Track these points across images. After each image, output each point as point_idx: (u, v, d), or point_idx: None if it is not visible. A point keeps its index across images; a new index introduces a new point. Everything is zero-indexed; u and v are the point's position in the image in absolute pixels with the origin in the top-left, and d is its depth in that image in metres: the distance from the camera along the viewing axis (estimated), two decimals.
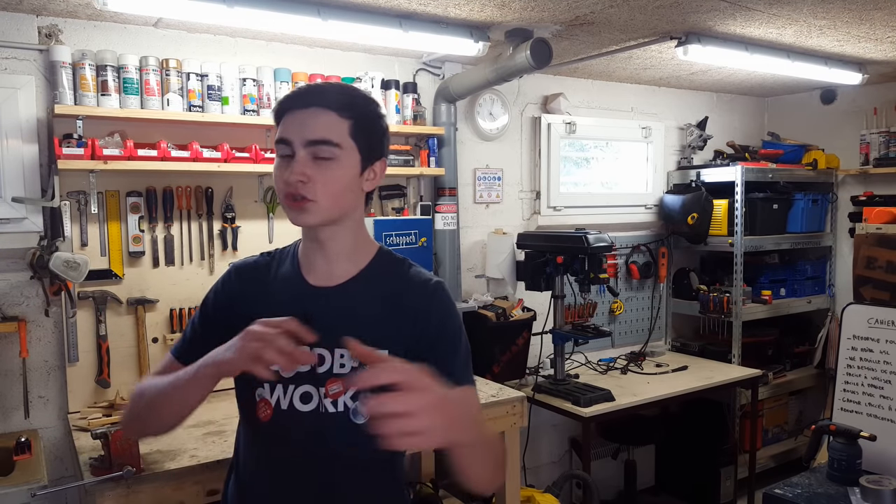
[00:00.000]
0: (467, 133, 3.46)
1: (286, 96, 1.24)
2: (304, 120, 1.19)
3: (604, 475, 3.79)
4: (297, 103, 1.20)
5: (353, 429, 1.21)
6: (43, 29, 2.44)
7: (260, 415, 1.23)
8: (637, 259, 4.10)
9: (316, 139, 1.17)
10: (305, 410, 1.22)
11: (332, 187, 1.19)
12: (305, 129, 1.18)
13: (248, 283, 1.32)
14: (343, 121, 1.19)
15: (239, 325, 1.19)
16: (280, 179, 1.20)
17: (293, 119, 1.20)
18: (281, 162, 1.21)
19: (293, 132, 1.19)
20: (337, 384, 1.22)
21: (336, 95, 1.21)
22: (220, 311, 1.32)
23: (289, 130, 1.19)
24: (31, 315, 2.47)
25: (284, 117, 1.21)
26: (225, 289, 1.34)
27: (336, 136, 1.18)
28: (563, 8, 2.52)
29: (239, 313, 1.24)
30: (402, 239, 2.92)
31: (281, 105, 1.23)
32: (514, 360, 3.33)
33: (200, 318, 1.34)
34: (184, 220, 2.73)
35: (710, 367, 3.75)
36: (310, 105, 1.19)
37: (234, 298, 1.31)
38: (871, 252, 2.71)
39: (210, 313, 1.33)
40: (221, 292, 1.34)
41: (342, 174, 1.20)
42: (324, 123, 1.18)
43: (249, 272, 1.34)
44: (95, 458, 1.97)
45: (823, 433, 2.46)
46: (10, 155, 2.40)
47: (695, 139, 4.20)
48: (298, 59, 2.91)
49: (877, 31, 2.92)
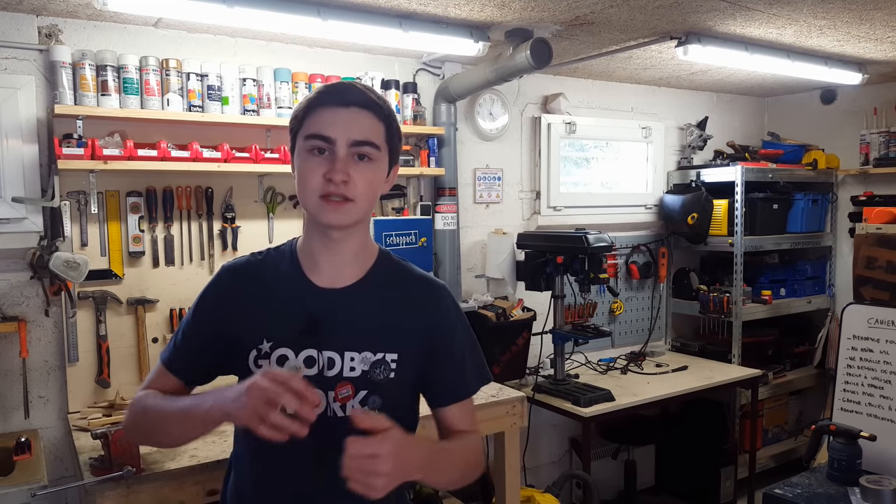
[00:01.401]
0: (467, 133, 3.46)
1: (322, 91, 1.20)
2: (348, 118, 1.17)
3: (604, 475, 3.79)
4: (335, 100, 1.18)
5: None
6: (43, 29, 2.44)
7: None
8: (637, 259, 4.10)
9: (361, 140, 1.17)
10: None
11: (369, 189, 1.19)
12: (351, 128, 1.16)
13: (245, 283, 1.27)
14: (380, 123, 1.20)
15: (236, 325, 1.19)
16: (317, 176, 1.16)
17: (334, 116, 1.17)
18: (316, 158, 1.17)
19: (337, 130, 1.16)
20: (346, 388, 1.21)
21: (372, 97, 1.21)
22: (216, 313, 1.27)
23: (330, 127, 1.16)
24: (31, 315, 2.47)
25: (318, 112, 1.18)
26: (220, 290, 1.29)
27: (377, 139, 1.19)
28: (563, 8, 2.52)
29: (238, 313, 1.23)
30: (402, 239, 2.92)
31: (317, 99, 1.19)
32: (514, 360, 3.33)
33: (193, 325, 1.29)
34: (184, 220, 2.73)
35: (710, 367, 3.75)
36: (350, 104, 1.17)
37: (231, 299, 1.27)
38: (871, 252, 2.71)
39: (206, 318, 1.28)
40: (216, 294, 1.29)
41: (378, 177, 1.21)
42: (368, 125, 1.18)
43: (245, 271, 1.29)
44: (95, 458, 1.98)
45: (823, 433, 2.46)
46: (10, 155, 2.40)
47: (695, 139, 4.20)
48: (298, 59, 2.91)
49: (877, 31, 2.92)
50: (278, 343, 1.21)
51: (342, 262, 1.25)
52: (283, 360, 1.21)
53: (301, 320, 1.21)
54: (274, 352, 1.21)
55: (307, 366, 1.20)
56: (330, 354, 1.21)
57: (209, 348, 1.27)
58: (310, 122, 1.18)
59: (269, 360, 1.21)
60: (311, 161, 1.17)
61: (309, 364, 1.20)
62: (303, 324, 1.21)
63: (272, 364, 1.21)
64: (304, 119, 1.19)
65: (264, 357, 1.21)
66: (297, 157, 1.22)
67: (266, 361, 1.21)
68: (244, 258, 1.33)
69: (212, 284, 1.31)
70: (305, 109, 1.20)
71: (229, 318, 1.23)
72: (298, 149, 1.21)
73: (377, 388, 1.23)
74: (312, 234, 1.25)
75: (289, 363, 1.20)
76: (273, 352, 1.21)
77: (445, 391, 1.31)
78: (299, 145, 1.20)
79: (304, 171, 1.18)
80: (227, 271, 1.30)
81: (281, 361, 1.21)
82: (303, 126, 1.19)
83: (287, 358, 1.21)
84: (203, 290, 1.31)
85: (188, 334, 1.29)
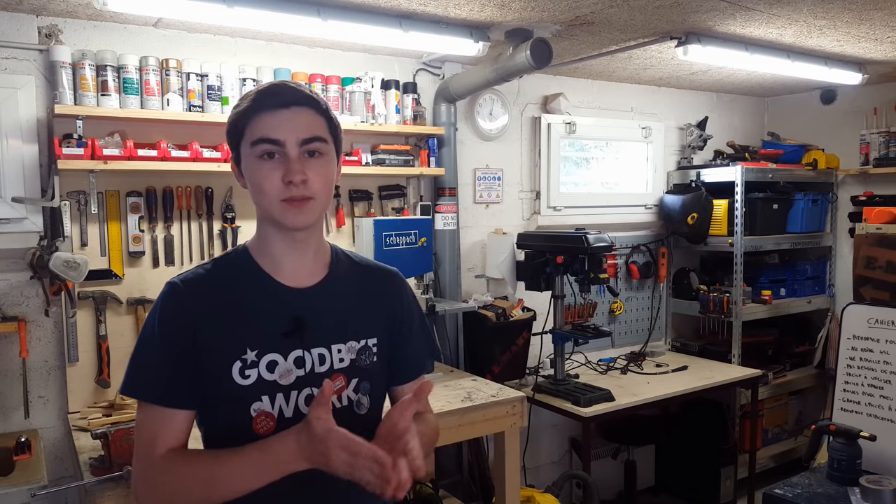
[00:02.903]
0: (467, 133, 3.46)
1: (257, 96, 1.18)
2: (291, 118, 1.16)
3: (604, 475, 3.79)
4: (274, 102, 1.17)
5: (357, 420, 1.23)
6: (43, 29, 2.44)
7: (259, 429, 1.17)
8: (637, 259, 4.10)
9: (310, 137, 1.17)
10: None
11: (326, 184, 1.20)
12: (297, 127, 1.16)
13: (208, 295, 1.20)
14: (321, 118, 1.20)
15: (210, 339, 1.15)
16: (274, 181, 1.15)
17: (277, 118, 1.16)
18: (268, 163, 1.16)
19: (283, 131, 1.15)
20: (339, 379, 1.23)
21: (308, 93, 1.21)
22: (183, 330, 1.16)
23: (276, 130, 1.15)
24: (31, 315, 2.47)
25: (259, 117, 1.16)
26: (179, 307, 1.18)
27: (323, 133, 1.20)
28: (563, 8, 2.52)
29: (208, 327, 1.17)
30: (402, 239, 2.92)
31: (255, 104, 1.17)
32: (514, 360, 3.33)
33: (164, 350, 1.16)
34: (184, 220, 2.73)
35: (710, 367, 3.75)
36: (289, 104, 1.17)
37: (195, 313, 1.18)
38: (871, 252, 2.71)
39: (175, 338, 1.16)
40: (177, 311, 1.18)
41: (332, 170, 1.22)
42: (311, 121, 1.18)
43: (201, 283, 1.21)
44: (95, 458, 1.98)
45: (823, 433, 2.45)
46: (10, 155, 2.40)
47: (695, 139, 4.20)
48: (298, 59, 2.91)
49: (877, 31, 2.92)
50: (264, 350, 1.18)
51: (307, 260, 1.25)
52: (273, 365, 1.18)
53: (281, 323, 1.20)
54: (261, 359, 1.18)
55: (297, 366, 1.20)
56: (319, 351, 1.21)
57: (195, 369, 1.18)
58: (253, 128, 1.17)
59: (257, 369, 1.17)
60: (263, 167, 1.16)
61: (298, 364, 1.20)
62: (285, 326, 1.20)
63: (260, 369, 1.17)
64: (246, 126, 1.18)
65: (251, 367, 1.17)
66: (245, 166, 1.20)
67: (254, 370, 1.17)
68: (191, 272, 1.24)
69: (166, 303, 1.19)
70: (244, 116, 1.18)
71: (199, 334, 1.17)
72: (245, 157, 1.19)
73: (365, 374, 1.26)
74: (272, 237, 1.23)
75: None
76: (260, 360, 1.18)
77: (405, 370, 1.36)
78: (245, 153, 1.18)
79: (258, 178, 1.17)
80: (178, 287, 1.20)
81: (271, 368, 1.18)
82: (245, 134, 1.18)
83: (277, 363, 1.18)
84: (158, 313, 1.18)
85: (164, 360, 1.16)
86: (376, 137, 3.06)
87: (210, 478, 1.11)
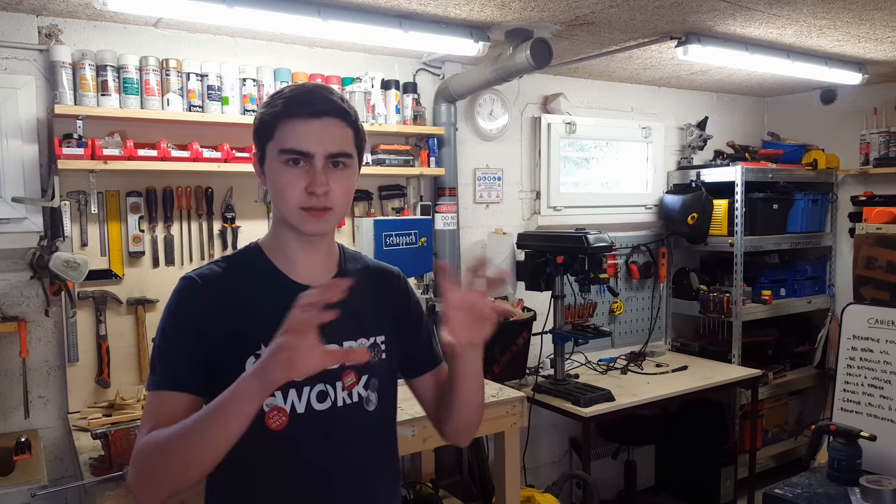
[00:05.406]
0: (467, 133, 3.46)
1: (290, 101, 1.18)
2: (322, 130, 1.17)
3: (604, 475, 3.79)
4: (307, 111, 1.17)
5: (366, 416, 1.26)
6: (43, 29, 2.44)
7: (271, 424, 1.18)
8: (637, 259, 4.10)
9: (337, 152, 1.19)
10: (322, 409, 1.21)
11: (347, 196, 1.23)
12: (327, 141, 1.17)
13: (221, 290, 1.22)
14: (349, 129, 1.22)
15: (225, 334, 1.17)
16: (297, 189, 1.16)
17: (308, 128, 1.16)
18: (293, 170, 1.17)
19: (313, 143, 1.16)
20: (350, 376, 1.25)
21: (341, 104, 1.21)
22: (198, 322, 1.19)
23: (306, 141, 1.16)
24: (31, 315, 2.47)
25: (290, 124, 1.16)
26: (194, 300, 1.21)
27: (350, 147, 1.22)
28: (563, 8, 2.52)
29: (223, 321, 1.18)
30: (402, 239, 2.92)
31: (287, 110, 1.17)
32: (514, 360, 3.33)
33: (178, 341, 1.19)
34: (184, 220, 2.73)
35: (710, 367, 3.75)
36: (321, 115, 1.17)
37: (211, 307, 1.20)
38: (871, 252, 2.71)
39: (189, 330, 1.19)
40: (192, 303, 1.21)
41: (353, 181, 1.25)
42: (341, 134, 1.20)
43: (216, 279, 1.23)
44: (95, 458, 1.98)
45: (823, 433, 2.45)
46: (10, 155, 2.40)
47: (695, 139, 4.20)
48: (298, 59, 2.91)
49: (877, 31, 2.92)
50: None
51: (319, 259, 1.29)
52: None
53: None
54: None
55: None
56: (332, 348, 1.21)
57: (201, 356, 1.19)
58: (282, 136, 1.17)
59: None
60: (288, 173, 1.17)
61: None
62: None
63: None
64: (275, 130, 1.18)
65: None
66: (269, 168, 1.20)
67: None
68: (206, 268, 1.26)
69: (183, 295, 1.22)
70: (274, 119, 1.18)
71: (213, 328, 1.18)
72: (270, 159, 1.19)
73: (374, 371, 1.28)
74: (287, 237, 1.25)
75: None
76: None
77: (424, 361, 1.41)
78: (271, 156, 1.19)
79: (282, 184, 1.18)
80: (195, 280, 1.23)
81: None
82: (274, 138, 1.18)
83: None
84: (174, 306, 1.21)
85: (187, 346, 1.18)
86: (376, 137, 3.06)
87: (184, 432, 1.06)
